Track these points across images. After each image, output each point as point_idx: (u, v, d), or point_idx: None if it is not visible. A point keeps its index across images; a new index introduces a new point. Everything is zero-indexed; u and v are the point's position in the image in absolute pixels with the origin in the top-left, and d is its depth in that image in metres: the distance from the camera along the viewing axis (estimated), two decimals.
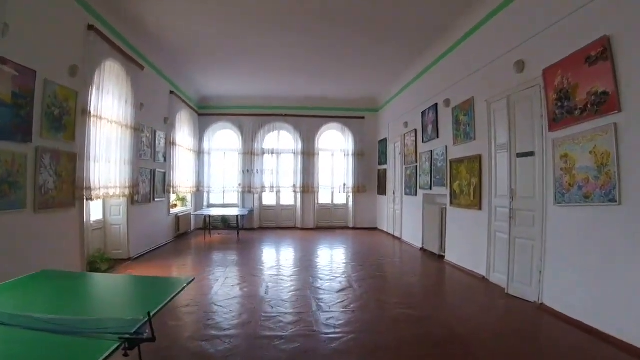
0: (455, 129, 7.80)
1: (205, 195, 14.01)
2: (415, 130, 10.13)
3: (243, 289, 6.05)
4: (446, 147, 8.24)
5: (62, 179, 5.71)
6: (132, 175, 7.75)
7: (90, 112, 6.25)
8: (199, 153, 13.53)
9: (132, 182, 7.76)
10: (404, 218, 11.20)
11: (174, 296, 2.87)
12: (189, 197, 13.02)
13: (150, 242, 9.22)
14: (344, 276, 6.94)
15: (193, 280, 3.44)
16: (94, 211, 7.55)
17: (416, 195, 10.04)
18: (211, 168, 13.87)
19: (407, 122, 10.82)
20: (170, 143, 10.52)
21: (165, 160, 10.16)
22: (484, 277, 6.69)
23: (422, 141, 9.63)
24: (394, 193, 12.04)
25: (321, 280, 6.64)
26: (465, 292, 6.18)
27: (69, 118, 5.87)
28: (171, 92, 10.58)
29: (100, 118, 6.62)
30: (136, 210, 8.39)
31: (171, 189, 10.58)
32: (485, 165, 6.73)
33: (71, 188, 5.95)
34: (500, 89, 6.27)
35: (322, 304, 5.28)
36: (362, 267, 7.73)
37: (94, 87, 6.43)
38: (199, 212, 12.38)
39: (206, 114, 13.71)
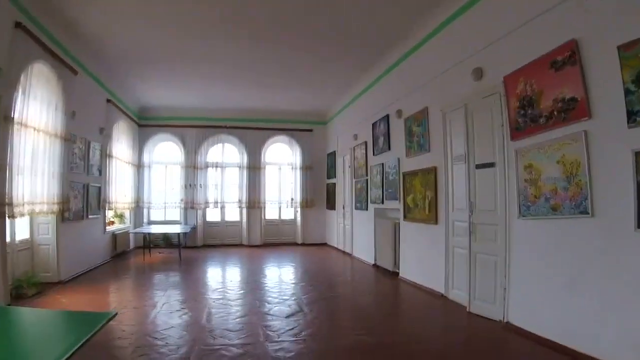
0: (409, 140, 7.52)
1: (145, 211, 13.02)
2: (366, 143, 9.83)
3: (183, 316, 5.33)
4: (398, 159, 7.95)
5: None
6: (62, 190, 6.87)
7: (13, 119, 5.45)
8: (139, 166, 12.60)
9: (61, 198, 6.87)
10: (354, 233, 10.82)
11: (90, 337, 2.28)
12: (127, 214, 12.05)
13: (84, 263, 8.27)
14: (293, 298, 6.36)
15: (115, 315, 2.80)
16: (20, 229, 6.65)
17: (367, 209, 9.70)
18: (152, 182, 12.94)
19: (357, 134, 10.53)
20: (106, 155, 9.61)
21: (100, 173, 9.25)
22: (442, 294, 6.35)
23: (373, 154, 9.33)
24: (343, 207, 11.67)
25: (269, 303, 6.04)
26: (424, 311, 5.82)
27: None
28: (108, 101, 9.71)
29: (26, 126, 5.77)
30: (67, 229, 7.47)
31: (107, 205, 9.64)
32: (441, 178, 6.44)
33: None
34: (456, 98, 6.02)
35: (270, 332, 4.69)
36: (313, 287, 7.19)
37: (19, 91, 5.64)
38: (137, 230, 11.41)
39: (147, 124, 12.82)
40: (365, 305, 6.22)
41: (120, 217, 11.60)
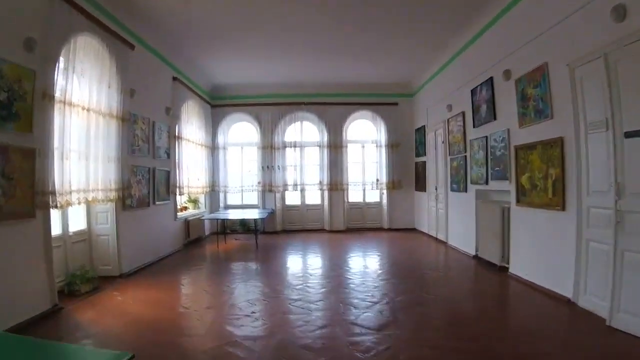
0: (522, 106, 6.16)
1: (222, 195, 12.68)
2: (463, 114, 8.52)
3: (252, 323, 4.58)
4: (508, 130, 6.61)
5: (13, 182, 4.39)
6: (120, 175, 6.45)
7: (54, 97, 4.90)
8: (213, 149, 12.26)
9: (120, 184, 6.46)
10: (450, 218, 9.61)
11: None
12: (202, 199, 11.72)
13: (149, 253, 7.93)
14: (384, 301, 5.37)
15: (132, 358, 1.97)
16: (75, 220, 6.28)
17: (466, 191, 8.45)
18: (227, 165, 12.58)
19: (451, 104, 9.23)
20: (174, 137, 9.21)
21: (168, 156, 8.87)
22: (569, 299, 5.08)
23: (474, 125, 8.01)
24: (436, 189, 10.43)
25: (355, 308, 5.10)
26: (552, 323, 4.54)
27: (24, 104, 4.54)
28: (174, 79, 9.27)
29: (72, 105, 5.30)
30: (129, 217, 7.10)
31: (177, 190, 9.25)
32: (570, 151, 5.10)
33: (29, 193, 4.62)
34: (589, 48, 4.66)
35: (358, 355, 3.75)
36: (406, 286, 6.17)
37: (61, 66, 5.11)
38: (211, 216, 11.01)
39: (220, 104, 12.40)
40: (475, 314, 5.05)
41: (195, 202, 11.22)
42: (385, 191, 12.64)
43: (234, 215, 10.91)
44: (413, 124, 12.56)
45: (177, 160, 9.25)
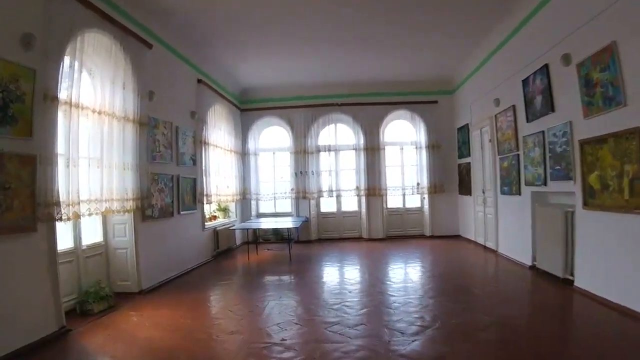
0: (586, 94, 5.37)
1: (253, 203, 12.26)
2: (514, 107, 7.73)
3: (281, 355, 3.97)
4: (570, 123, 5.81)
5: (10, 192, 3.98)
6: (138, 184, 6.02)
7: (57, 98, 4.47)
8: (244, 154, 11.85)
9: (139, 193, 6.04)
10: (500, 224, 8.80)
11: None
12: (232, 207, 11.28)
13: (173, 267, 7.53)
14: (436, 325, 4.61)
15: None
16: (90, 232, 5.91)
17: (519, 194, 7.65)
18: (259, 171, 12.17)
19: (499, 98, 8.45)
20: (201, 142, 8.80)
21: (194, 163, 8.46)
22: None
23: (527, 120, 7.20)
24: (483, 192, 9.64)
25: (402, 334, 4.35)
26: None
27: (22, 106, 4.14)
28: (199, 81, 8.89)
29: (79, 107, 4.86)
30: (149, 229, 6.71)
31: (205, 199, 8.82)
32: None
33: (29, 204, 4.21)
34: None
35: None
36: (458, 305, 5.39)
37: (66, 65, 4.69)
38: (242, 225, 10.51)
39: (249, 108, 12.02)
40: (550, 340, 4.11)
41: (225, 210, 10.79)
42: (426, 196, 11.89)
43: (266, 224, 10.40)
44: (454, 123, 11.78)
45: (204, 167, 8.84)
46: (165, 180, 7.22)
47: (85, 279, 5.54)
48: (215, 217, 10.17)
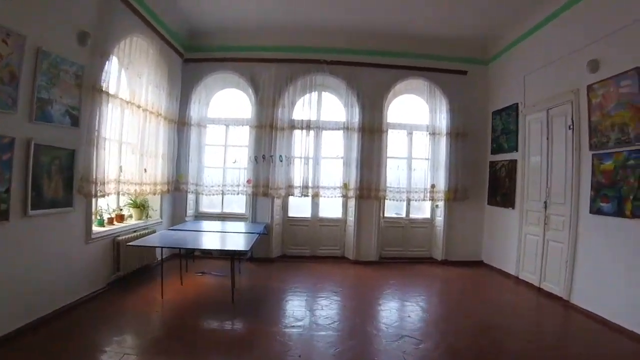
0: None
1: (191, 198, 9.03)
2: (638, 72, 4.98)
3: None
4: None
5: None
6: None
7: None
8: (182, 124, 8.59)
9: None
10: (580, 260, 6.06)
11: None
12: (157, 202, 8.05)
13: (18, 309, 4.33)
14: None
15: None
16: None
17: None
18: (203, 152, 8.95)
19: (598, 59, 5.74)
20: (95, 89, 5.46)
21: (75, 123, 5.16)
22: None
23: None
24: (545, 206, 6.91)
25: None
26: None
27: None
28: None
29: None
30: None
31: (93, 188, 5.50)
32: None
33: None
34: None
35: None
36: None
37: None
38: (154, 240, 6.61)
39: (197, 58, 8.80)
40: None
41: (142, 207, 7.49)
42: (441, 203, 9.07)
43: (195, 240, 6.70)
44: (488, 105, 9.05)
45: (96, 133, 5.51)
46: (2, 150, 4.01)
47: None
48: (121, 218, 6.91)
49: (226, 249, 6.41)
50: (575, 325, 5.46)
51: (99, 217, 6.37)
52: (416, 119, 9.30)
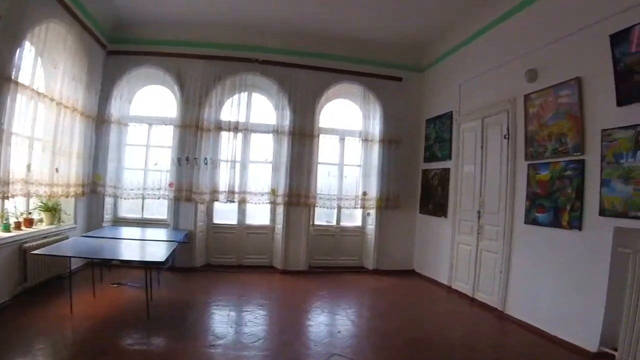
0: None
1: (109, 201, 8.39)
2: (579, 81, 5.06)
3: None
4: None
5: None
6: None
7: None
8: (101, 122, 7.96)
9: None
10: (514, 272, 6.08)
11: None
12: (70, 205, 7.41)
13: None
14: None
15: None
16: None
17: (579, 228, 4.94)
18: (123, 151, 8.32)
19: (537, 68, 5.79)
20: (2, 77, 4.87)
21: None
22: None
23: (618, 103, 4.47)
24: (478, 216, 6.93)
25: None
26: None
27: None
28: None
29: None
30: None
31: None
32: None
33: None
34: None
35: None
36: None
37: None
38: (67, 248, 5.97)
39: (121, 51, 8.21)
40: None
41: (53, 211, 6.86)
42: (373, 211, 8.98)
43: (109, 249, 5.97)
44: (422, 112, 9.09)
45: (2, 126, 4.88)
46: None
47: None
48: (30, 223, 6.27)
49: (140, 259, 5.89)
50: (511, 336, 5.45)
51: (4, 222, 5.76)
52: (349, 125, 9.16)
